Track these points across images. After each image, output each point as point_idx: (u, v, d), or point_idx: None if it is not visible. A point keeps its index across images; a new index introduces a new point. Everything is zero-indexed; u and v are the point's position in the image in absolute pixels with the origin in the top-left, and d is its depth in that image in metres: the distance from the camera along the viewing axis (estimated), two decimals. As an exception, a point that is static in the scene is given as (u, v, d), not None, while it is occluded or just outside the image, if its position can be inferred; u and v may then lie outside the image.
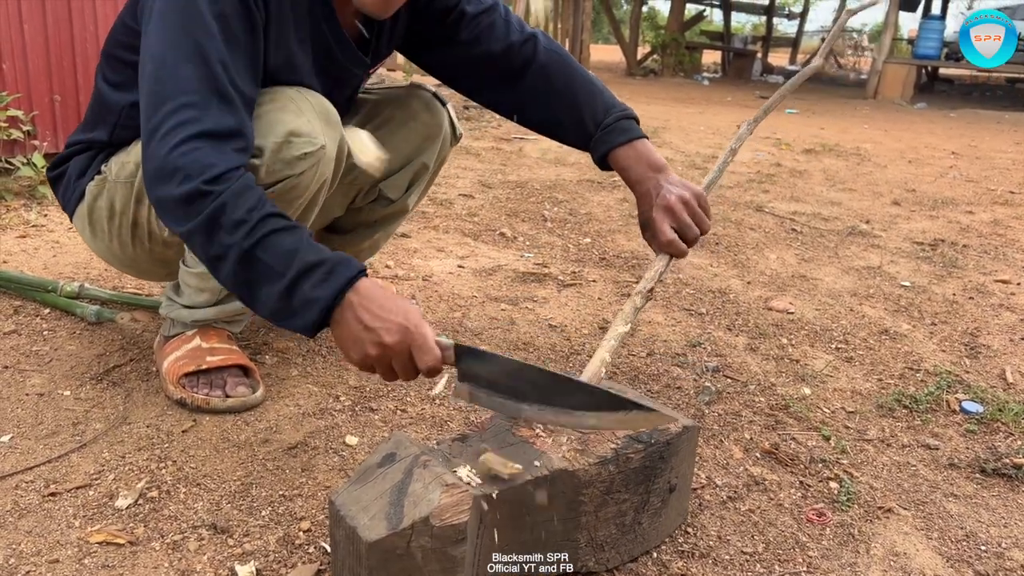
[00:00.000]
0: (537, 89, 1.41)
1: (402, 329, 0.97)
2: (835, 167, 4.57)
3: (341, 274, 0.98)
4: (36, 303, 1.75)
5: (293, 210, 1.26)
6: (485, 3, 1.42)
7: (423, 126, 1.58)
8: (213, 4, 1.08)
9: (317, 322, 0.99)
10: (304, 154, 1.20)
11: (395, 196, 1.62)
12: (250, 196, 1.01)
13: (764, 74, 14.28)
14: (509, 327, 1.86)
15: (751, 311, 2.10)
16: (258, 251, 0.99)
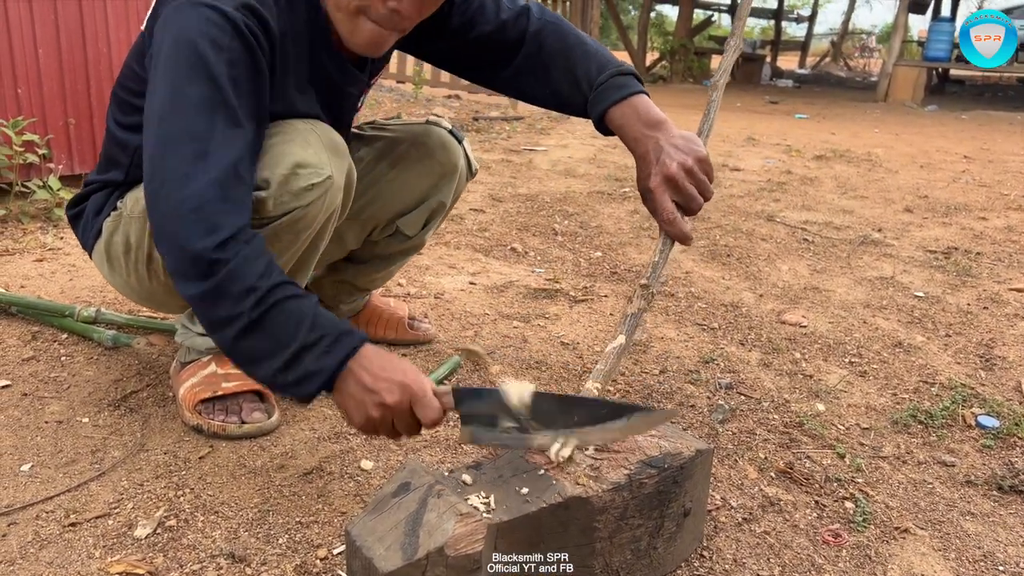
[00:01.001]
0: (533, 60, 1.36)
1: (402, 387, 0.99)
2: (846, 173, 4.55)
3: (345, 344, 1.00)
4: (54, 328, 1.77)
5: (301, 241, 1.27)
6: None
7: (439, 164, 1.59)
8: (218, 52, 1.07)
9: (316, 392, 1.01)
10: (311, 185, 1.20)
11: (411, 233, 1.63)
12: (258, 265, 1.01)
13: (774, 78, 14.25)
14: (522, 345, 1.87)
15: (764, 325, 2.10)
16: (265, 322, 1.00)
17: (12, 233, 2.44)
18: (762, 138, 6.04)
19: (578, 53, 1.32)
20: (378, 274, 1.73)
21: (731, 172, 4.47)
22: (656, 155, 1.19)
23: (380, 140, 1.60)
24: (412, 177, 1.59)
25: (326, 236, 1.34)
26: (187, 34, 1.07)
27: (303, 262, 1.35)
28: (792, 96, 11.14)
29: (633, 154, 1.24)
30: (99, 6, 2.79)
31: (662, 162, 1.18)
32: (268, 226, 1.20)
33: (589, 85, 1.29)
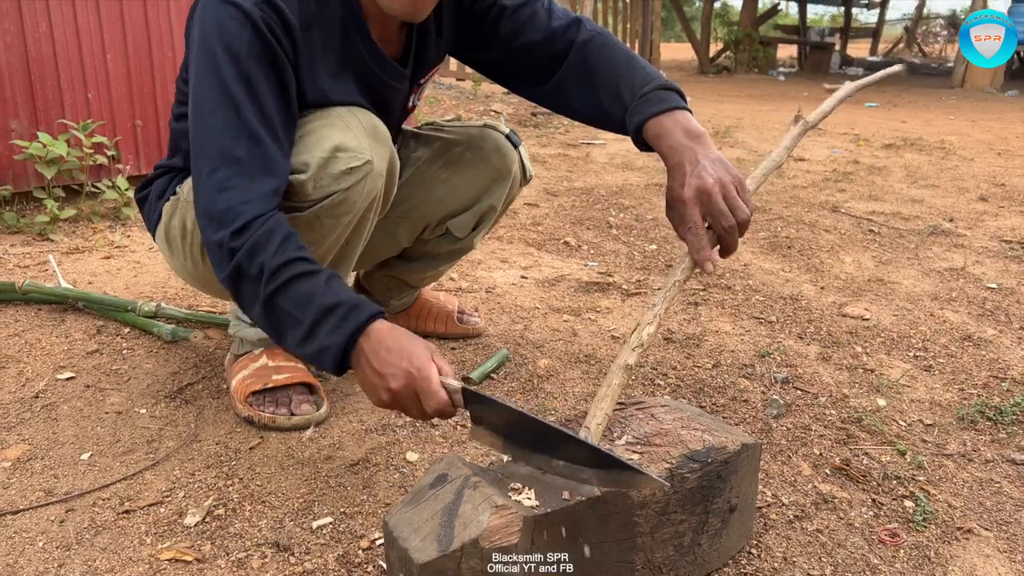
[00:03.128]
0: (577, 70, 1.34)
1: (406, 375, 0.99)
2: (917, 162, 4.39)
3: (352, 319, 1.02)
4: (117, 322, 1.83)
5: (343, 227, 1.28)
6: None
7: (493, 169, 1.58)
8: (238, 49, 1.11)
9: (335, 367, 1.04)
10: (350, 168, 1.21)
11: (461, 235, 1.64)
12: (271, 244, 1.05)
13: (843, 66, 13.85)
14: (571, 338, 1.85)
15: (824, 318, 2.03)
16: (278, 299, 1.05)
17: (83, 232, 2.54)
18: (829, 127, 5.86)
19: (624, 66, 1.29)
20: (428, 272, 1.73)
21: (794, 162, 4.35)
22: (692, 166, 1.12)
23: (437, 141, 1.60)
24: (465, 180, 1.59)
25: (369, 223, 1.34)
26: (209, 31, 1.12)
27: (347, 250, 1.36)
28: (862, 84, 10.80)
29: (667, 163, 1.17)
30: (163, 9, 2.88)
31: (698, 173, 1.11)
32: (309, 209, 1.21)
33: (631, 96, 1.24)
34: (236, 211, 1.07)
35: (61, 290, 1.88)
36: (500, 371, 1.66)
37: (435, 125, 1.64)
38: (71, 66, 2.68)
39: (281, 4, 1.14)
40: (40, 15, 2.57)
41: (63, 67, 2.66)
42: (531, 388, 1.59)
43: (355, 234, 1.34)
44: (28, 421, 1.40)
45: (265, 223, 1.07)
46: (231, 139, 1.10)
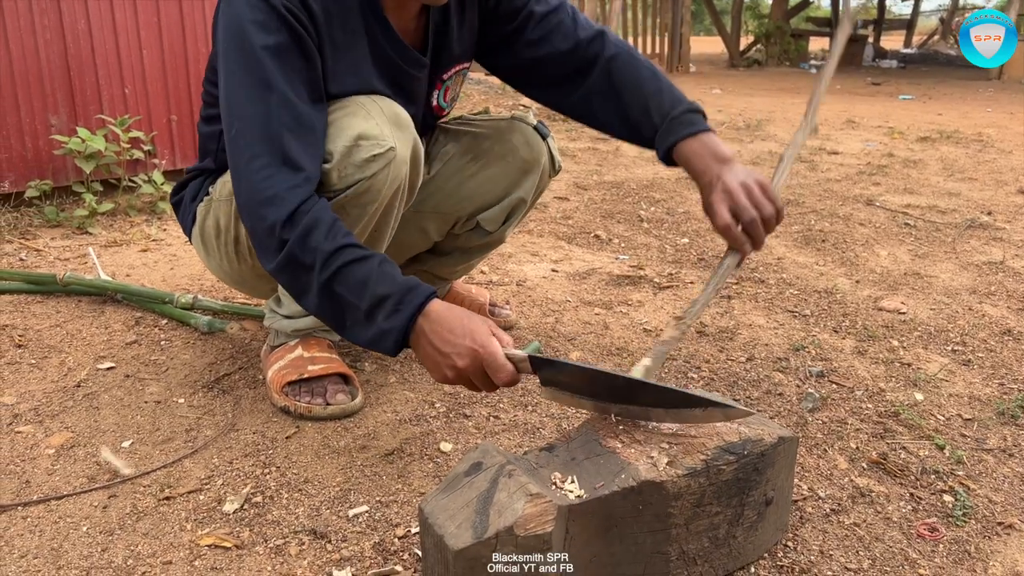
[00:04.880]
0: (603, 84, 1.38)
1: (471, 352, 1.02)
2: (953, 155, 4.31)
3: (410, 303, 1.05)
4: (155, 314, 1.86)
5: (369, 215, 1.29)
6: (552, 3, 1.41)
7: (522, 161, 1.58)
8: (266, 39, 1.13)
9: (395, 349, 1.07)
10: (373, 156, 1.22)
11: (492, 229, 1.64)
12: (320, 231, 1.08)
13: (876, 59, 13.63)
14: (602, 332, 1.85)
15: (859, 312, 2.01)
16: (335, 285, 1.07)
17: (120, 225, 2.58)
18: (862, 120, 5.79)
19: (651, 86, 1.35)
20: (459, 266, 1.74)
21: (828, 155, 4.30)
22: (720, 180, 1.22)
23: (466, 135, 1.60)
24: (494, 173, 1.59)
25: (395, 211, 1.35)
26: (235, 24, 1.14)
27: (375, 238, 1.37)
28: (896, 77, 10.64)
29: (699, 183, 1.27)
30: (198, 6, 2.91)
31: (724, 180, 1.22)
32: (335, 199, 1.22)
33: (661, 117, 1.32)
34: (282, 197, 1.09)
35: (100, 282, 1.92)
36: (532, 363, 1.66)
37: (463, 119, 1.64)
38: (108, 63, 2.72)
39: None
40: (79, 13, 2.62)
41: (100, 63, 2.70)
42: (563, 380, 1.59)
43: (382, 222, 1.34)
44: (71, 409, 1.43)
45: (311, 209, 1.09)
46: (268, 128, 1.12)
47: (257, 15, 1.13)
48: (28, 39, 2.52)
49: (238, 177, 1.13)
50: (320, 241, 1.07)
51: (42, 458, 1.28)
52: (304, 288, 1.10)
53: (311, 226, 1.08)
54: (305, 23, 1.16)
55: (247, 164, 1.11)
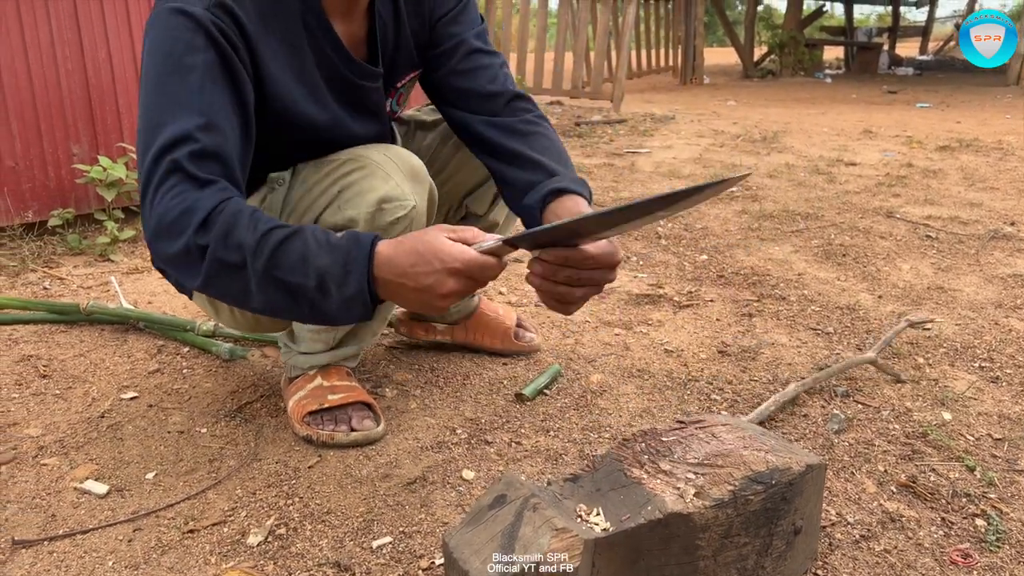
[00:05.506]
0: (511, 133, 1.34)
1: (450, 271, 0.97)
2: (974, 164, 4.27)
3: (357, 261, 0.99)
4: (177, 342, 1.87)
5: None
6: (490, 47, 1.41)
7: None
8: (193, 62, 1.06)
9: (366, 313, 1.02)
10: (397, 219, 1.24)
11: (480, 211, 1.61)
12: (240, 225, 1.00)
13: (892, 66, 13.56)
14: (623, 353, 1.84)
15: (884, 329, 1.99)
16: (274, 272, 1.00)
17: (141, 252, 2.60)
18: (880, 130, 5.75)
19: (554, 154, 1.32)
20: None
21: (846, 167, 4.27)
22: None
23: (443, 123, 1.56)
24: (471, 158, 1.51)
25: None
26: (158, 42, 1.07)
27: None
28: (913, 84, 10.57)
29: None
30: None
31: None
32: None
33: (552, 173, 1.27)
34: (191, 209, 1.00)
35: (123, 311, 1.93)
36: (553, 386, 1.65)
37: (431, 107, 1.60)
38: (129, 91, 2.75)
39: (233, 5, 1.10)
40: (99, 44, 2.65)
41: (121, 92, 2.74)
42: (584, 404, 1.58)
43: None
44: (95, 441, 1.44)
45: (225, 209, 1.01)
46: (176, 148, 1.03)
47: (183, 35, 1.06)
48: (50, 72, 2.56)
49: (147, 197, 1.03)
50: (243, 236, 0.99)
51: (67, 491, 1.28)
52: (242, 291, 1.02)
53: (230, 223, 0.99)
54: (236, 42, 1.10)
55: (155, 179, 1.02)
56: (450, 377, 1.70)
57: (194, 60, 1.06)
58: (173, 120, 1.04)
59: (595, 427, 1.49)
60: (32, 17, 2.50)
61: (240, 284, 1.01)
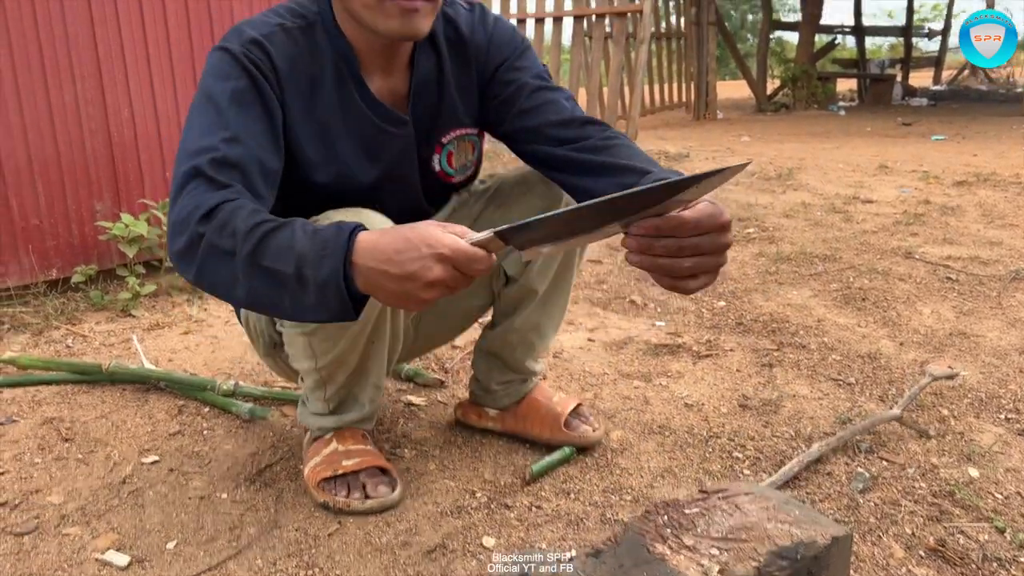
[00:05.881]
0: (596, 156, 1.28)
1: (436, 257, 0.92)
2: (992, 200, 4.24)
3: (335, 243, 0.95)
4: (198, 401, 1.88)
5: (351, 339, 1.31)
6: (551, 84, 1.39)
7: (539, 198, 1.48)
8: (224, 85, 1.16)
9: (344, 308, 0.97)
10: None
11: (513, 272, 1.54)
12: (238, 216, 1.01)
13: (906, 97, 13.56)
14: (643, 407, 1.83)
15: (906, 378, 1.97)
16: (260, 260, 0.98)
17: (163, 307, 2.63)
18: (895, 165, 5.73)
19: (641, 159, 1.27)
20: (510, 337, 1.60)
21: (862, 204, 4.25)
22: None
23: (490, 189, 1.55)
24: (515, 215, 1.47)
25: (382, 329, 1.34)
26: (202, 78, 1.19)
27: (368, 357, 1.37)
28: (927, 115, 10.56)
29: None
30: (235, 90, 3.00)
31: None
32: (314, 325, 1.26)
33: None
34: (200, 205, 1.03)
35: (144, 371, 1.95)
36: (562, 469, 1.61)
37: (492, 174, 1.60)
38: (151, 148, 2.81)
39: (267, 44, 1.20)
40: (122, 102, 2.71)
41: (143, 149, 2.79)
42: (605, 464, 1.57)
43: (374, 339, 1.35)
44: (116, 508, 1.44)
45: (230, 205, 1.03)
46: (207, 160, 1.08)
47: (222, 66, 1.17)
48: (75, 131, 2.62)
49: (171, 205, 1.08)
50: (238, 224, 1.00)
51: (89, 563, 1.28)
52: (230, 278, 1.01)
53: (229, 215, 1.01)
54: (267, 73, 1.19)
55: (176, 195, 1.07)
56: (469, 436, 1.69)
57: (226, 86, 1.16)
58: (202, 137, 1.12)
59: (616, 489, 1.48)
60: (57, 79, 2.56)
61: (227, 271, 1.01)
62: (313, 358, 1.36)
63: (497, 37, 1.39)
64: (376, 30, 1.20)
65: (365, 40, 1.26)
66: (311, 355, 1.36)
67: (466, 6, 1.41)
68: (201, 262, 1.02)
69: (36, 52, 2.51)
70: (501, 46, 1.39)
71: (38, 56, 2.51)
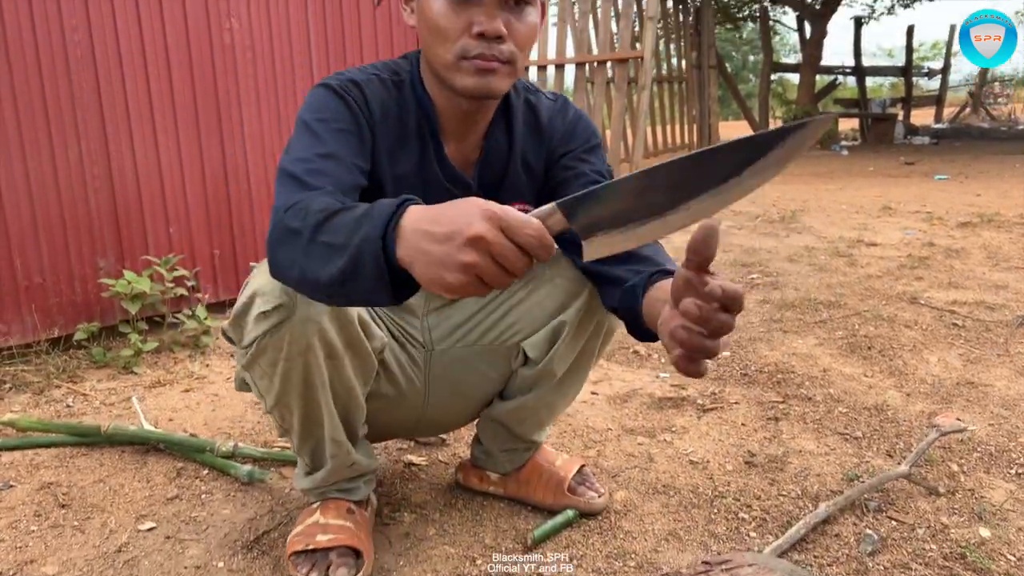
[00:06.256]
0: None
1: (484, 214, 0.81)
2: (997, 242, 4.23)
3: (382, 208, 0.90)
4: (196, 463, 1.86)
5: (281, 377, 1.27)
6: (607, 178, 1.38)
7: (567, 281, 1.45)
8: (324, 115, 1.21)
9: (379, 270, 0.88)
10: (262, 313, 1.20)
11: (535, 356, 1.50)
12: (315, 202, 1.01)
13: (908, 136, 13.65)
14: (647, 465, 1.80)
15: (913, 431, 1.94)
16: (320, 236, 0.96)
17: (164, 363, 2.63)
18: (899, 205, 5.74)
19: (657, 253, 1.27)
20: (520, 413, 1.56)
21: (867, 247, 4.25)
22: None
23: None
24: (540, 297, 1.48)
25: (317, 373, 1.29)
26: (301, 110, 1.24)
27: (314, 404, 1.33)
28: (929, 154, 10.61)
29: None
30: (238, 142, 3.03)
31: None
32: (247, 356, 1.26)
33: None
34: (288, 200, 1.05)
35: (143, 432, 1.94)
36: (562, 535, 1.59)
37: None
38: (154, 203, 2.83)
39: (364, 87, 1.27)
40: (126, 158, 2.74)
41: (147, 205, 2.81)
42: (608, 527, 1.54)
43: (308, 387, 1.30)
44: (111, 579, 1.42)
45: (315, 192, 1.07)
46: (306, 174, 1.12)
47: (321, 97, 1.24)
48: (79, 188, 2.64)
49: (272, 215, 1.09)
50: (312, 207, 0.99)
51: (81, 639, 1.26)
52: (293, 256, 0.99)
53: (310, 200, 1.02)
54: (363, 107, 1.25)
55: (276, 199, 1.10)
56: (470, 499, 1.67)
57: (323, 115, 1.22)
58: (299, 153, 1.16)
59: (620, 554, 1.45)
60: (63, 136, 2.59)
61: (293, 250, 0.99)
62: (262, 397, 1.35)
63: (573, 127, 1.43)
64: (455, 88, 1.23)
65: (447, 101, 1.30)
66: (259, 394, 1.35)
67: (551, 96, 1.46)
68: (272, 243, 1.04)
69: (42, 111, 2.54)
70: (575, 136, 1.42)
71: (43, 115, 2.55)
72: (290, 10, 3.11)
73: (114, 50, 2.68)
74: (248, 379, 1.35)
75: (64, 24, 2.57)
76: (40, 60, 2.52)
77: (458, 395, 1.55)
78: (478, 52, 1.18)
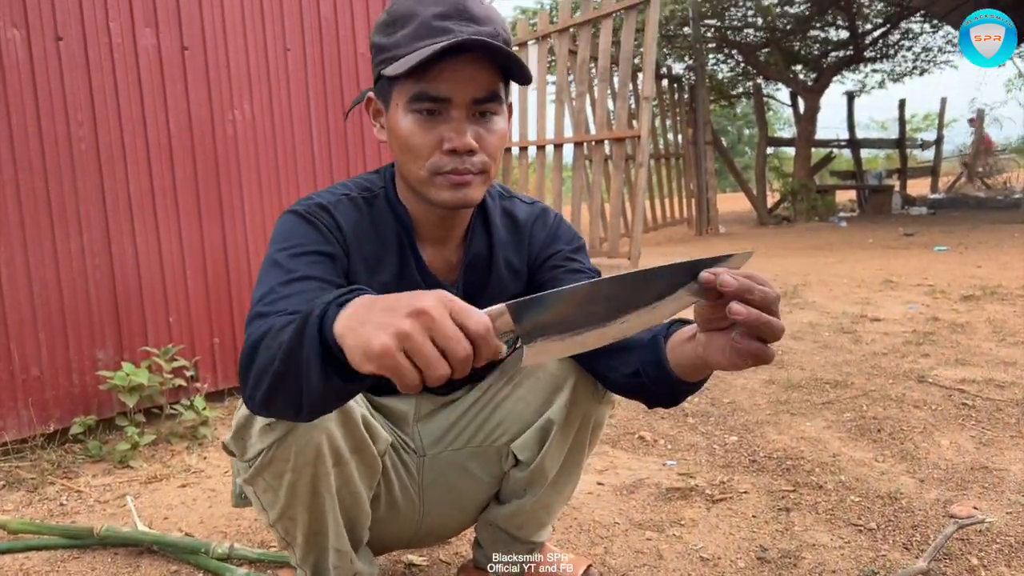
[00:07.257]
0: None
1: (437, 295, 0.79)
2: (1002, 315, 4.21)
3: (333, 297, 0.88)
4: (191, 566, 1.80)
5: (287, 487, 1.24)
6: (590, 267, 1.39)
7: (550, 376, 1.42)
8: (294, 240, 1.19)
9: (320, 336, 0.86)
10: (268, 424, 1.19)
11: (524, 457, 1.45)
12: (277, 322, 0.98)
13: (906, 206, 13.78)
14: (656, 563, 1.74)
15: (929, 521, 1.88)
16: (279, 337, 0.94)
17: (161, 456, 2.58)
18: (900, 279, 5.74)
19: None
20: (518, 518, 1.52)
21: (871, 323, 4.23)
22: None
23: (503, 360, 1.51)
24: (524, 393, 1.44)
25: (324, 482, 1.26)
26: (271, 241, 1.22)
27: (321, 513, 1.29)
28: (928, 224, 10.69)
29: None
30: (239, 227, 3.05)
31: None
32: (251, 470, 1.23)
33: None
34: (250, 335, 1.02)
35: (137, 534, 1.88)
36: (583, 611, 1.55)
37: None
38: (154, 293, 2.83)
39: (332, 209, 1.26)
40: (127, 248, 2.75)
41: (147, 295, 2.81)
42: (617, 633, 1.48)
43: (316, 495, 1.26)
44: None
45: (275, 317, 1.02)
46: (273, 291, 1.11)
47: (289, 224, 1.22)
48: (80, 280, 2.64)
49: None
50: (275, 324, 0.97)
51: None
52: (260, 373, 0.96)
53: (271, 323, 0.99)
54: (333, 231, 1.24)
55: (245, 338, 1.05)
56: (473, 603, 1.61)
57: (293, 241, 1.20)
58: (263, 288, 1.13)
59: (629, 664, 1.39)
60: (65, 230, 2.61)
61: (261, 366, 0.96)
62: (265, 511, 1.31)
63: (555, 230, 1.44)
64: (431, 201, 1.23)
65: (423, 210, 1.30)
66: (262, 508, 1.31)
67: (527, 200, 1.46)
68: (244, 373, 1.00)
69: (45, 203, 2.56)
70: (558, 238, 1.43)
71: (46, 207, 2.57)
72: (292, 101, 3.17)
73: (118, 143, 2.72)
74: (250, 493, 1.32)
75: (70, 118, 2.61)
76: (45, 154, 2.56)
77: (453, 500, 1.51)
78: (451, 167, 1.18)
